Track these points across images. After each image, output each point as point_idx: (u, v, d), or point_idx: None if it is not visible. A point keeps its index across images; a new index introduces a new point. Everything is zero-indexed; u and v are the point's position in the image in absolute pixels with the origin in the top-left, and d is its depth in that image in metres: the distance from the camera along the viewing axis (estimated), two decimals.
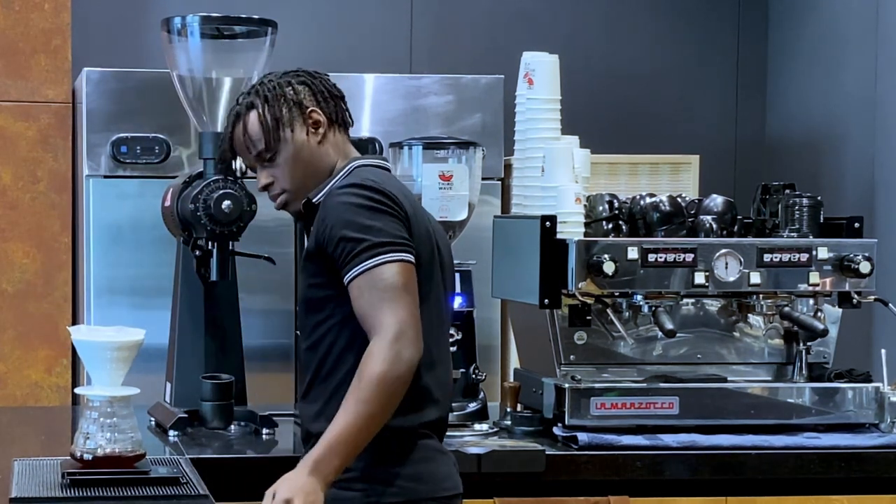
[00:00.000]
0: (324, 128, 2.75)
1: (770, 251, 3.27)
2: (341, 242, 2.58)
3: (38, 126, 4.50)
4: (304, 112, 2.73)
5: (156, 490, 2.50)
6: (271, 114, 2.72)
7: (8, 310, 4.48)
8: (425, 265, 2.66)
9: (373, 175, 2.68)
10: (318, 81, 2.78)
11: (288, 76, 2.78)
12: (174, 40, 3.40)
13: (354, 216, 2.59)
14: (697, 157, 4.85)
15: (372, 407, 2.51)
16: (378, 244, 2.56)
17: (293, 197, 2.76)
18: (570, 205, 3.31)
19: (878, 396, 3.32)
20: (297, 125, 2.73)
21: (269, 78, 2.79)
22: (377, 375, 2.50)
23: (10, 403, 4.43)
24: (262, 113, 2.73)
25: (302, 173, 2.74)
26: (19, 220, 4.50)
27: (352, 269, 2.57)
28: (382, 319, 2.54)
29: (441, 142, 3.46)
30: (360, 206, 2.59)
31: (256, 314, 4.31)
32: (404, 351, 2.52)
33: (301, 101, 2.74)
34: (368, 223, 2.58)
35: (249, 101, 2.75)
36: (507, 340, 4.42)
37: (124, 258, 4.36)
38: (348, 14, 5.21)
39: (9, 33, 4.49)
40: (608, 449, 3.14)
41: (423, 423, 2.67)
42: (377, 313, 2.54)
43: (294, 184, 2.74)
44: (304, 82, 2.77)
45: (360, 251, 2.56)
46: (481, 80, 4.59)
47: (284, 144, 2.73)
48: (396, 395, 2.53)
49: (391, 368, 2.51)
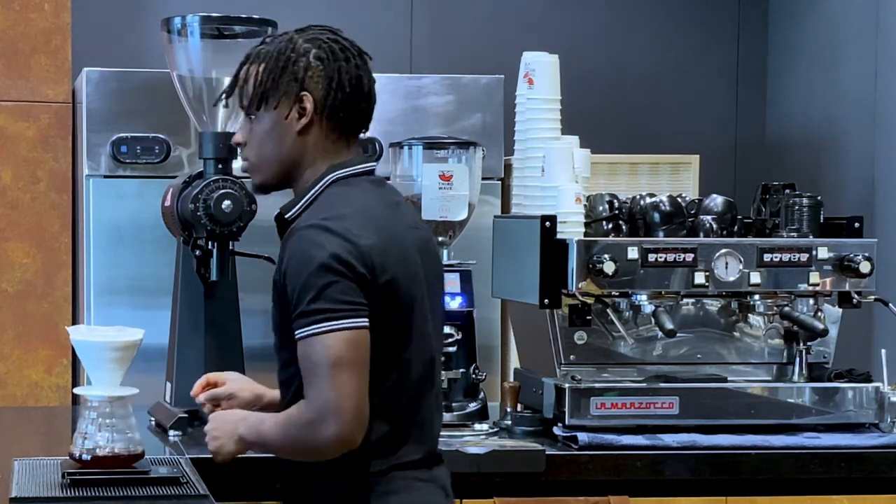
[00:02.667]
0: (309, 118, 2.53)
1: (770, 251, 3.27)
2: (294, 293, 2.43)
3: (38, 126, 4.50)
4: (298, 93, 2.52)
5: (156, 490, 2.50)
6: (267, 78, 2.53)
7: (8, 310, 4.48)
8: (406, 305, 2.50)
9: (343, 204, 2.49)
10: (343, 66, 2.54)
11: (316, 43, 2.54)
12: (174, 40, 3.40)
13: (301, 267, 2.42)
14: (697, 157, 4.85)
15: (283, 450, 2.52)
16: (323, 311, 2.40)
17: (253, 169, 2.60)
18: (570, 205, 3.31)
19: (878, 396, 3.32)
20: (284, 102, 2.52)
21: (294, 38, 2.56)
22: (290, 438, 2.46)
23: (10, 403, 4.42)
24: (260, 72, 2.53)
25: (269, 151, 2.55)
26: (19, 220, 4.49)
27: (296, 329, 2.43)
28: (309, 392, 2.42)
29: (441, 142, 3.46)
30: (310, 262, 2.41)
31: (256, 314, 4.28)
32: (324, 429, 2.40)
33: (303, 78, 2.52)
34: (312, 281, 2.40)
35: (264, 51, 2.55)
36: (507, 340, 4.42)
37: (124, 258, 4.36)
38: (348, 14, 5.20)
39: (9, 33, 4.49)
40: (608, 449, 3.14)
41: (400, 463, 2.53)
42: (308, 384, 2.43)
43: (257, 158, 2.58)
44: (323, 58, 2.53)
45: (306, 312, 2.41)
46: (481, 80, 4.59)
47: (265, 114, 2.54)
48: (307, 457, 2.49)
49: (302, 440, 2.44)
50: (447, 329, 3.28)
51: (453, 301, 3.31)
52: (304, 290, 2.42)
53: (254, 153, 2.59)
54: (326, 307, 2.40)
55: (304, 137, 2.54)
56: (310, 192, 2.56)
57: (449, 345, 3.29)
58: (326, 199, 2.53)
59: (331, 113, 2.54)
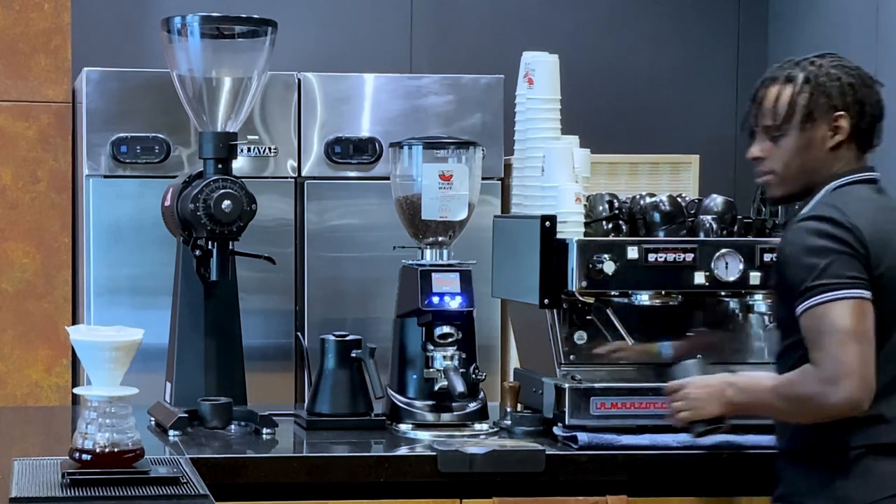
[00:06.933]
0: (842, 136, 2.75)
1: (770, 251, 3.27)
2: (792, 274, 2.67)
3: (38, 126, 4.51)
4: (833, 112, 2.74)
5: (156, 490, 2.49)
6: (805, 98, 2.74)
7: (8, 310, 4.48)
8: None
9: (843, 201, 2.71)
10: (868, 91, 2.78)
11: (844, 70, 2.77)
12: (174, 40, 3.40)
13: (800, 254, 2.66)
14: (697, 157, 4.85)
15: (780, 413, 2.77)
16: (822, 285, 2.63)
17: (776, 182, 2.81)
18: (570, 205, 3.31)
19: None
20: (820, 121, 2.75)
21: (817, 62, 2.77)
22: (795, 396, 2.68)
23: (10, 403, 4.43)
24: (795, 92, 2.75)
25: (797, 167, 2.77)
26: (19, 220, 4.50)
27: (798, 304, 2.66)
28: (819, 356, 2.63)
29: (441, 142, 3.46)
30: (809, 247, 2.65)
31: (256, 314, 4.31)
32: (834, 393, 2.61)
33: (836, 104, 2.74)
34: (813, 261, 2.64)
35: (794, 74, 2.77)
36: (507, 340, 4.42)
37: (124, 258, 4.37)
38: (348, 14, 5.21)
39: (9, 33, 4.50)
40: (608, 449, 3.13)
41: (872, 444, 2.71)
42: (816, 349, 2.63)
43: (784, 172, 2.79)
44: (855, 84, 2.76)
45: (805, 289, 2.64)
46: (481, 80, 4.59)
47: (798, 132, 2.76)
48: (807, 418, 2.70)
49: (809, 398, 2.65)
50: (447, 329, 3.29)
51: (453, 301, 3.31)
52: (805, 269, 2.65)
53: (779, 167, 2.80)
54: (829, 282, 2.63)
55: (831, 154, 2.77)
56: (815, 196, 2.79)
57: (449, 345, 3.28)
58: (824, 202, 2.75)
59: (860, 133, 2.78)
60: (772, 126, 2.79)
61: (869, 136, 2.80)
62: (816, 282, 2.63)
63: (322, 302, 4.48)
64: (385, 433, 3.27)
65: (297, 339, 4.36)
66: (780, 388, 2.73)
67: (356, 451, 3.11)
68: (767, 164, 2.82)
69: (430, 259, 3.40)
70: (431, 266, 3.35)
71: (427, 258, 3.40)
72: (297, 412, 3.42)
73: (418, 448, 3.11)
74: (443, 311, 3.29)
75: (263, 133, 4.45)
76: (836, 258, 2.64)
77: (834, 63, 2.78)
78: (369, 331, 4.11)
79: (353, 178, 4.51)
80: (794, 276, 2.68)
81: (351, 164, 4.50)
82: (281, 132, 4.47)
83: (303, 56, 4.86)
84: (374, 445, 3.18)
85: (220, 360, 3.37)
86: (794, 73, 2.78)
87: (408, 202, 3.41)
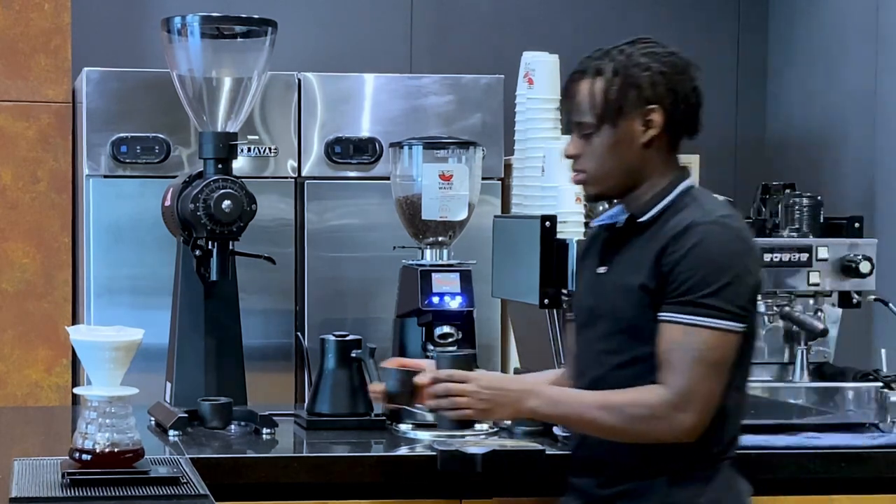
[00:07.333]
0: (656, 130, 2.57)
1: (770, 251, 3.27)
2: (691, 281, 2.47)
3: (38, 126, 4.51)
4: (645, 106, 2.55)
5: (156, 490, 2.49)
6: (614, 93, 2.54)
7: (8, 310, 4.48)
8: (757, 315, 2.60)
9: (717, 206, 2.57)
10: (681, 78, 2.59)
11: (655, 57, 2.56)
12: (174, 40, 3.40)
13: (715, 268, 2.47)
14: (697, 156, 4.84)
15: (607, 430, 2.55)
16: (714, 308, 2.46)
17: (591, 181, 2.62)
18: (570, 205, 3.31)
19: (879, 396, 3.32)
20: (633, 116, 2.56)
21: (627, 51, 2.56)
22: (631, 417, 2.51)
23: (10, 403, 4.43)
24: (603, 86, 2.55)
25: (611, 165, 2.59)
26: (19, 220, 4.50)
27: (674, 311, 2.49)
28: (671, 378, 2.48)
29: (441, 142, 3.46)
30: (735, 261, 2.48)
31: (256, 314, 4.31)
32: (684, 419, 2.48)
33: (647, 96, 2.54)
34: (726, 280, 2.46)
35: (603, 66, 2.56)
36: (507, 340, 4.42)
37: (124, 258, 4.37)
38: (348, 14, 5.21)
39: (9, 33, 4.50)
40: None
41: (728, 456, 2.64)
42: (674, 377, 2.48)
43: (598, 170, 2.60)
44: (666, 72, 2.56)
45: (692, 302, 2.47)
46: (481, 80, 4.59)
47: (610, 129, 2.56)
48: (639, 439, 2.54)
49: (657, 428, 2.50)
50: (447, 329, 3.29)
51: (453, 301, 3.30)
52: (707, 280, 2.46)
53: (593, 167, 2.61)
54: (723, 307, 2.46)
55: (647, 150, 2.59)
56: (666, 196, 2.60)
57: (449, 344, 3.28)
58: (697, 201, 2.59)
59: (676, 124, 2.60)
60: (583, 123, 2.58)
61: (686, 126, 2.61)
62: (710, 300, 2.46)
63: (322, 302, 4.48)
64: (385, 433, 3.27)
65: (297, 339, 4.36)
66: (613, 403, 2.53)
67: (356, 451, 3.11)
68: (581, 163, 2.62)
69: (430, 259, 3.40)
70: (431, 266, 3.35)
71: (427, 258, 3.40)
72: (297, 412, 3.42)
73: (418, 448, 3.11)
74: (443, 311, 3.29)
75: (263, 133, 4.45)
76: (740, 282, 2.48)
77: (644, 51, 2.57)
78: (369, 331, 4.10)
79: (353, 178, 4.51)
80: (689, 278, 2.48)
81: (351, 164, 4.50)
82: (281, 132, 4.47)
83: (303, 56, 4.86)
84: (374, 445, 3.18)
85: (220, 360, 3.37)
86: (602, 64, 2.56)
87: (408, 202, 3.41)
